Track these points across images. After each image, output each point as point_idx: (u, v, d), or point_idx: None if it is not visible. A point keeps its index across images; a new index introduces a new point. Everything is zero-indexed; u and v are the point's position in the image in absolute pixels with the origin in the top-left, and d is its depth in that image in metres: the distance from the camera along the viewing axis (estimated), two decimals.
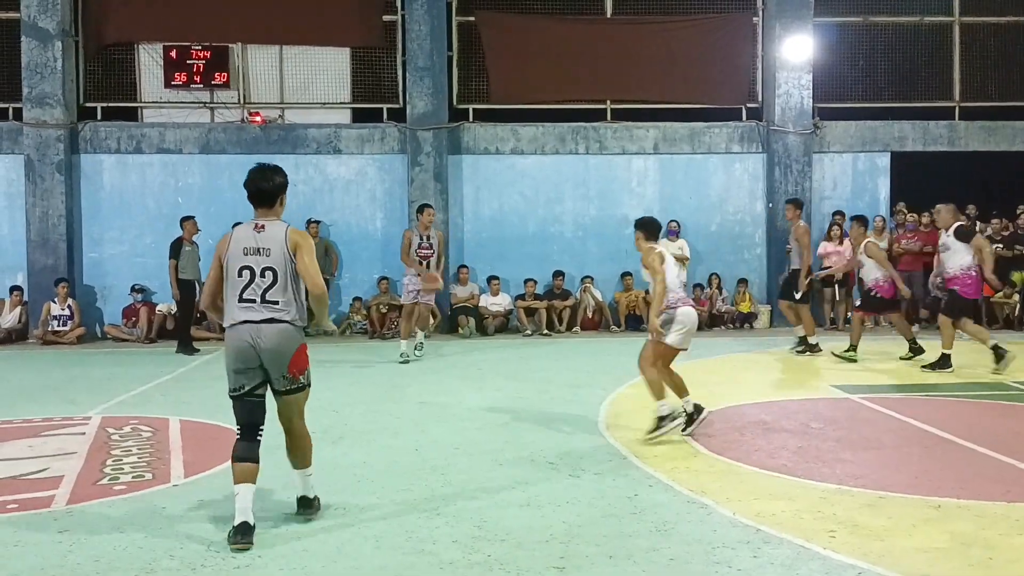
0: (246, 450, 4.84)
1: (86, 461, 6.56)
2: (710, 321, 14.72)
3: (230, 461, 4.88)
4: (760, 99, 15.79)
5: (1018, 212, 14.68)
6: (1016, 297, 14.38)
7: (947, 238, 10.38)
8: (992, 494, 5.50)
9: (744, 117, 15.88)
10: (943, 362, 10.23)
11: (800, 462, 6.32)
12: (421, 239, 11.68)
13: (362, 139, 15.59)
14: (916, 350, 11.09)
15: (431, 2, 15.23)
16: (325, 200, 15.45)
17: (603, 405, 8.42)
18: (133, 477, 6.11)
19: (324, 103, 15.84)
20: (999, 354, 10.00)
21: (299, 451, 5.10)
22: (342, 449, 6.87)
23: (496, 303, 15.02)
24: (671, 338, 6.95)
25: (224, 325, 4.98)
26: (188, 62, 15.46)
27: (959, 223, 10.63)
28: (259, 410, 4.92)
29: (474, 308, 14.95)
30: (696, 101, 15.68)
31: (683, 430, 6.98)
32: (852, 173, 15.75)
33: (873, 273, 11.16)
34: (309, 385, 5.05)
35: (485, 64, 15.61)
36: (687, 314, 7.00)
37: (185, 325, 13.11)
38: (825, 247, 14.67)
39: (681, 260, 14.34)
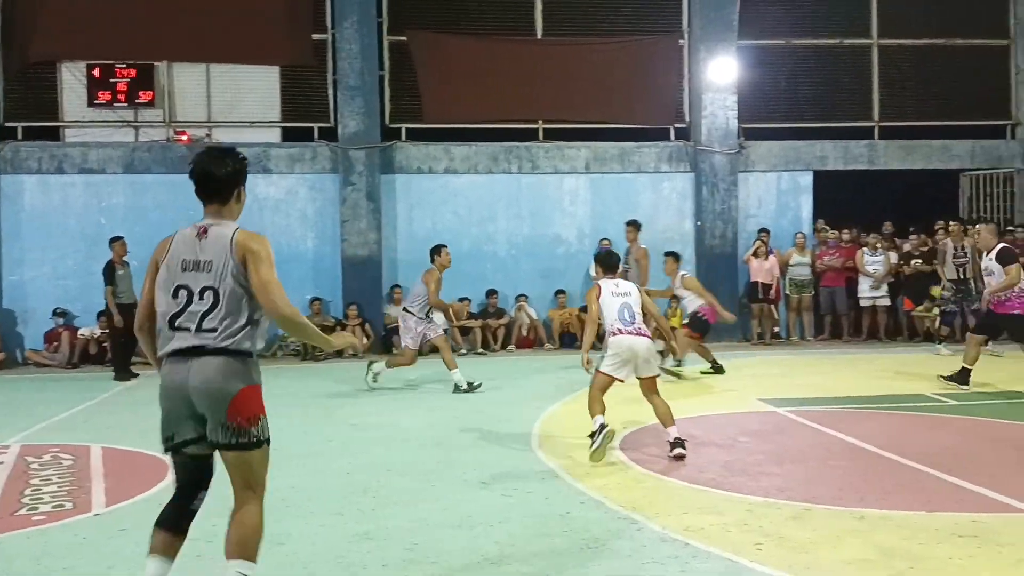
0: (170, 516, 3.84)
1: (4, 491, 6.34)
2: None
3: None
4: (687, 119, 16.10)
5: (935, 228, 15.19)
6: (936, 311, 14.85)
7: (988, 262, 9.98)
8: (914, 504, 5.65)
9: (672, 137, 16.16)
10: (962, 376, 10.06)
11: (728, 476, 6.42)
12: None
13: (292, 158, 15.45)
14: (719, 370, 11.25)
15: (361, 21, 15.20)
16: (254, 220, 15.22)
17: (537, 423, 8.45)
18: (53, 507, 5.92)
19: (253, 122, 15.66)
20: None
21: (240, 536, 3.78)
22: (272, 472, 6.75)
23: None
24: (603, 365, 7.11)
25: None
26: (112, 80, 15.15)
27: (1002, 245, 10.20)
28: (198, 471, 3.85)
29: None
30: (625, 121, 15.92)
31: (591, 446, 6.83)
32: (776, 191, 16.13)
33: (695, 304, 11.27)
34: (266, 441, 3.80)
35: (417, 83, 15.62)
36: (619, 343, 7.06)
37: (123, 350, 12.70)
38: (752, 262, 15.02)
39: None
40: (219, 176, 3.87)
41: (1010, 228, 15.16)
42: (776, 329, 15.27)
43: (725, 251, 15.60)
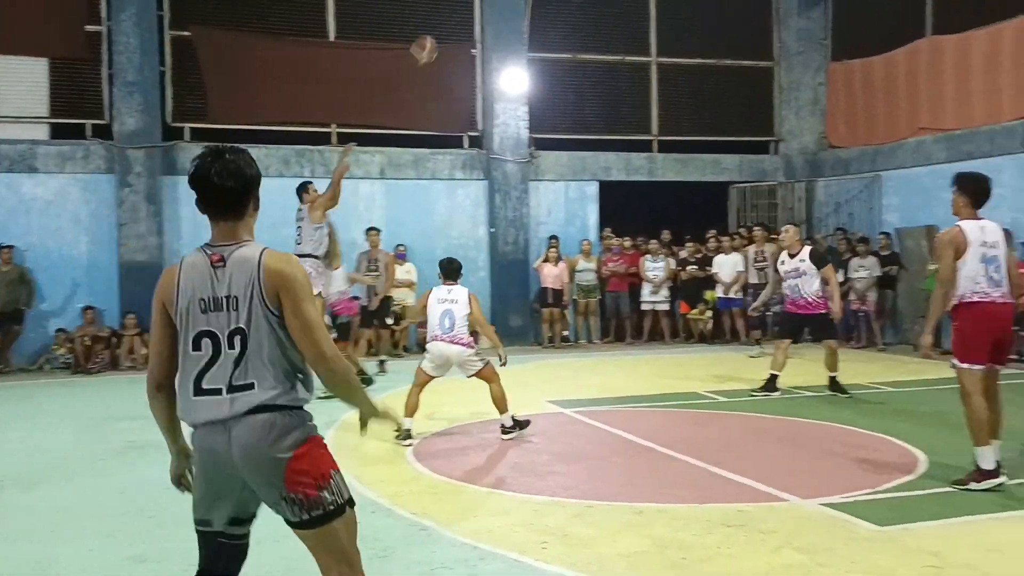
0: None
1: None
2: None
3: None
4: (480, 128, 16.37)
5: (707, 236, 16.26)
6: (709, 314, 15.89)
7: (800, 263, 10.09)
8: (687, 498, 6.02)
9: (466, 145, 16.38)
10: (834, 385, 10.14)
11: (517, 477, 6.59)
12: None
13: (63, 157, 14.37)
14: (366, 381, 11.40)
15: (141, 14, 14.37)
16: (20, 222, 14.05)
17: (329, 431, 8.30)
18: None
19: (18, 117, 14.44)
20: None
21: None
22: (39, 494, 6.27)
23: None
24: (423, 364, 8.02)
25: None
26: None
27: (811, 247, 10.44)
28: (232, 559, 3.16)
29: None
30: (419, 128, 15.98)
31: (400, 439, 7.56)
32: (565, 200, 16.71)
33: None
34: (347, 503, 3.05)
35: (202, 81, 14.97)
36: (433, 348, 7.97)
37: None
38: (543, 269, 15.47)
39: (407, 284, 14.54)
40: (229, 189, 3.04)
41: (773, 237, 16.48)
42: (565, 333, 15.81)
43: (517, 257, 15.98)
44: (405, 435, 7.56)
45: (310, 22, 15.66)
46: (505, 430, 7.92)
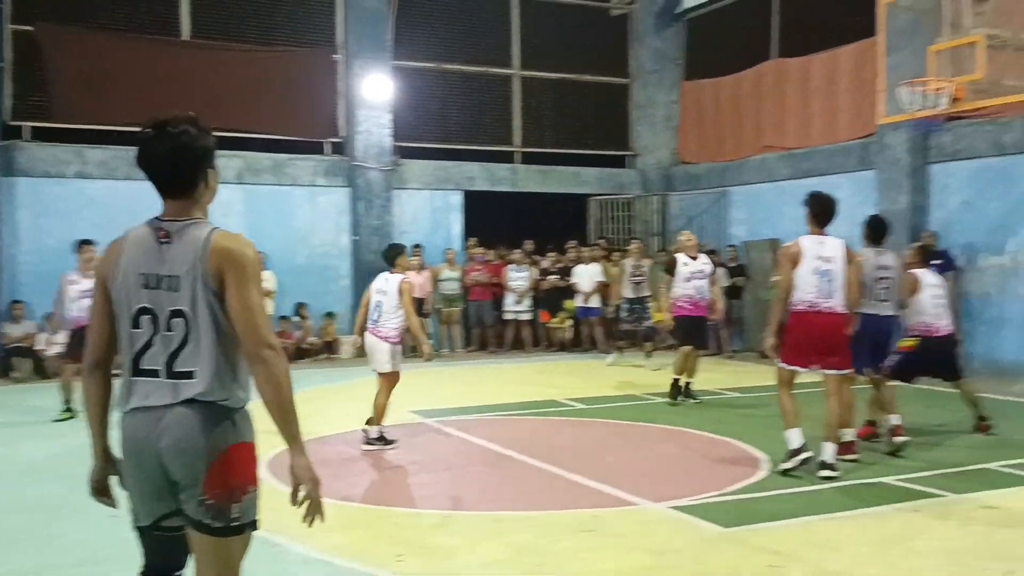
0: None
1: None
2: (297, 353, 14.66)
3: None
4: (343, 134, 16.18)
5: (566, 247, 16.61)
6: (569, 323, 16.21)
7: (703, 265, 10.42)
8: (544, 504, 6.13)
9: (328, 151, 16.15)
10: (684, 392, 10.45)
11: (376, 488, 6.55)
12: None
13: None
14: None
15: None
16: None
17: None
18: None
19: None
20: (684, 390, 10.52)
21: None
22: None
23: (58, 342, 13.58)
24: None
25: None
26: None
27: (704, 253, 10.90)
28: (172, 553, 2.93)
29: (29, 349, 13.38)
30: (279, 132, 15.62)
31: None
32: (429, 209, 16.71)
33: None
34: (250, 524, 2.88)
35: (45, 79, 14.17)
36: (366, 341, 8.07)
37: None
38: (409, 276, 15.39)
39: (266, 293, 14.17)
40: (176, 162, 2.80)
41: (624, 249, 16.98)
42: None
43: (381, 266, 15.72)
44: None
45: (163, 21, 15.09)
46: (369, 440, 7.83)
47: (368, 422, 7.90)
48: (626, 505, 6.12)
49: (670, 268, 10.62)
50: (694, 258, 10.53)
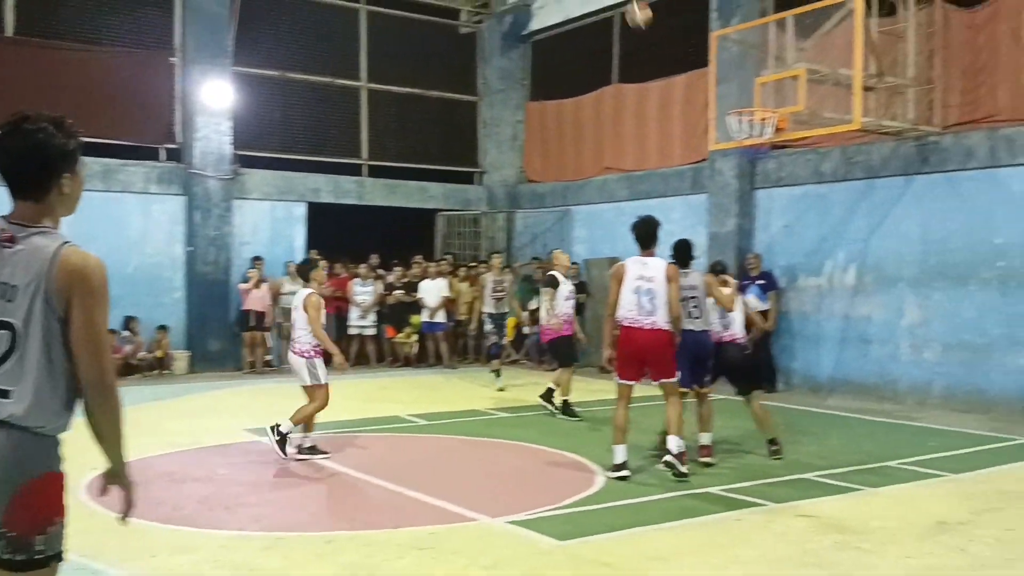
0: None
1: None
2: (126, 369, 13.90)
3: None
4: (180, 141, 15.55)
5: (412, 262, 16.55)
6: (415, 338, 16.13)
7: (575, 284, 10.59)
8: (380, 522, 6.04)
9: (163, 158, 15.47)
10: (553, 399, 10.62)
11: (204, 511, 6.27)
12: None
13: None
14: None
15: None
16: None
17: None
18: None
19: None
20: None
21: None
22: None
23: None
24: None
25: None
26: None
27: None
28: None
29: None
30: (109, 136, 14.78)
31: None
32: (271, 220, 16.25)
33: None
34: (57, 558, 2.68)
35: None
36: (288, 358, 8.27)
37: None
38: (244, 288, 14.90)
39: None
40: (31, 162, 2.61)
41: (473, 264, 17.12)
42: (268, 357, 15.34)
43: (218, 278, 15.30)
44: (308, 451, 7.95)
45: None
46: (279, 432, 7.85)
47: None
48: (464, 521, 6.12)
49: (553, 283, 10.69)
50: (569, 277, 10.91)
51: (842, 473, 7.58)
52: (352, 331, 15.92)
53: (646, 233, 7.44)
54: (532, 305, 14.45)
